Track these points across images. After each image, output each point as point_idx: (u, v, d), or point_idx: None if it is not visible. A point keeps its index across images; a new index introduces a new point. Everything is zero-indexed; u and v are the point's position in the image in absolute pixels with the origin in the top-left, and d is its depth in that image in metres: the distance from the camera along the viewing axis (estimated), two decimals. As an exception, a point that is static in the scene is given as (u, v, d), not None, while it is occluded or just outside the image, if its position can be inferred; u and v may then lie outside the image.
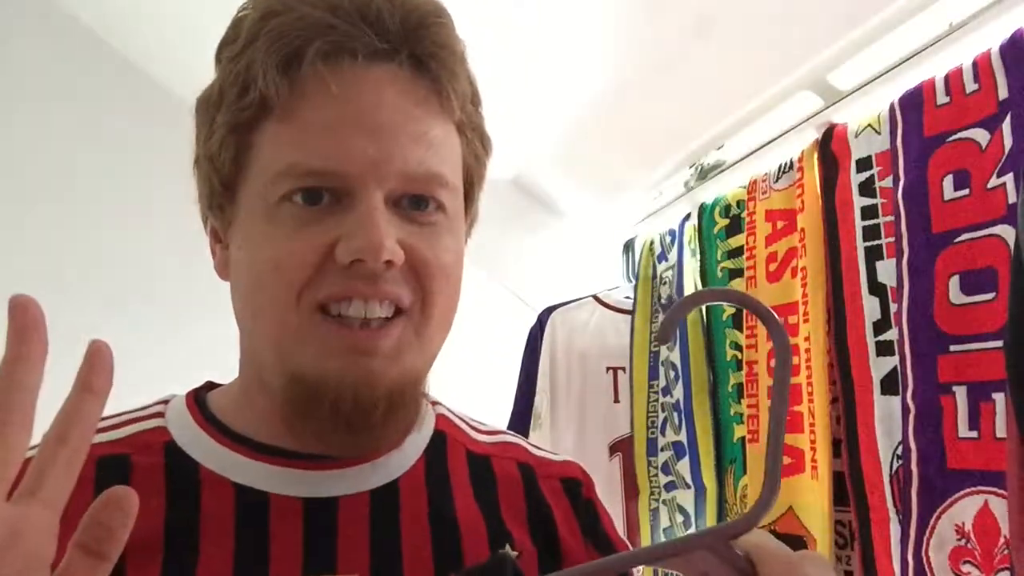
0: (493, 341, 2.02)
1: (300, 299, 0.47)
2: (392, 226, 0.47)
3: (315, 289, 0.46)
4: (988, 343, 0.84)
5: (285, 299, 0.47)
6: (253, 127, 0.48)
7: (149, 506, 0.46)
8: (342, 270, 0.46)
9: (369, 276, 0.46)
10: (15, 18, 1.92)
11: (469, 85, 0.54)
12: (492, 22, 1.25)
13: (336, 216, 0.46)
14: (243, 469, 0.50)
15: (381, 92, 0.48)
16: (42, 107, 1.92)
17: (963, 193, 0.88)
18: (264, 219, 0.48)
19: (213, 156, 0.50)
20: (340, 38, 0.47)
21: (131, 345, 1.93)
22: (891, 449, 0.96)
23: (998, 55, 0.85)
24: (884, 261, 1.00)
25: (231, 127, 0.48)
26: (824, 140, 1.10)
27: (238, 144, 0.49)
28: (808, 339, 1.09)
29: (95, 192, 1.94)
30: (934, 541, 0.88)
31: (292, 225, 0.47)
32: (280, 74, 0.46)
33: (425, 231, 0.49)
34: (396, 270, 0.47)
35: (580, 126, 1.66)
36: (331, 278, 0.46)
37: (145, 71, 1.97)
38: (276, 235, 0.47)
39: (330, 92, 0.46)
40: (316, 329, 0.47)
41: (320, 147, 0.46)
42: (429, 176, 0.49)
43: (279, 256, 0.47)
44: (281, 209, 0.47)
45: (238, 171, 0.49)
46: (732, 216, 1.34)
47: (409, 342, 0.49)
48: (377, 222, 0.45)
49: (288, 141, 0.47)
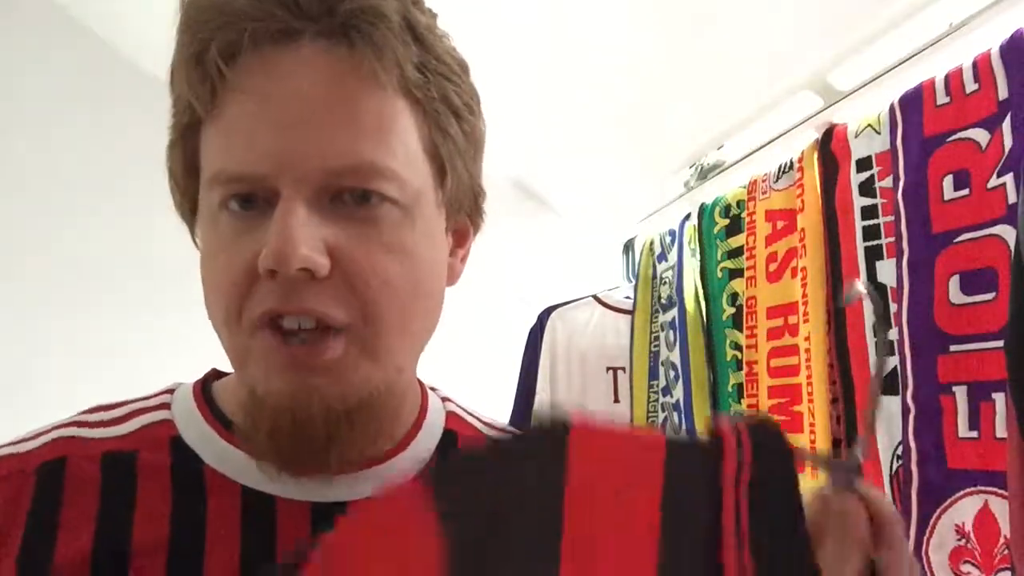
0: (493, 341, 2.02)
1: (240, 316, 0.43)
2: (317, 228, 0.41)
3: (252, 304, 0.43)
4: (988, 343, 0.84)
5: (227, 317, 0.44)
6: (195, 132, 0.45)
7: (155, 509, 0.45)
8: (267, 281, 0.42)
9: (286, 288, 0.41)
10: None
11: (418, 49, 0.45)
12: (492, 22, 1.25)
13: (267, 221, 0.42)
14: (250, 471, 0.48)
15: (294, 77, 0.42)
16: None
17: (963, 193, 0.88)
18: (210, 228, 0.44)
19: (170, 165, 0.47)
20: (248, 24, 0.42)
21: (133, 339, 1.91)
22: (891, 449, 0.96)
23: (998, 55, 0.85)
24: (884, 261, 1.00)
25: (178, 133, 0.46)
26: (824, 140, 1.10)
27: (185, 150, 0.46)
28: (808, 339, 1.09)
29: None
30: (934, 541, 0.88)
31: (229, 235, 0.43)
32: (196, 75, 0.42)
33: (367, 230, 0.43)
34: (325, 282, 0.42)
35: (581, 127, 1.66)
36: (263, 292, 0.42)
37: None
38: (216, 246, 0.44)
39: (245, 88, 0.42)
40: (259, 345, 0.43)
41: (239, 149, 0.42)
42: (360, 166, 0.42)
43: (216, 272, 0.44)
44: (221, 217, 0.43)
45: (193, 180, 0.46)
46: (732, 216, 1.34)
47: (354, 360, 0.44)
48: (288, 225, 0.40)
49: (215, 146, 0.43)
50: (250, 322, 0.43)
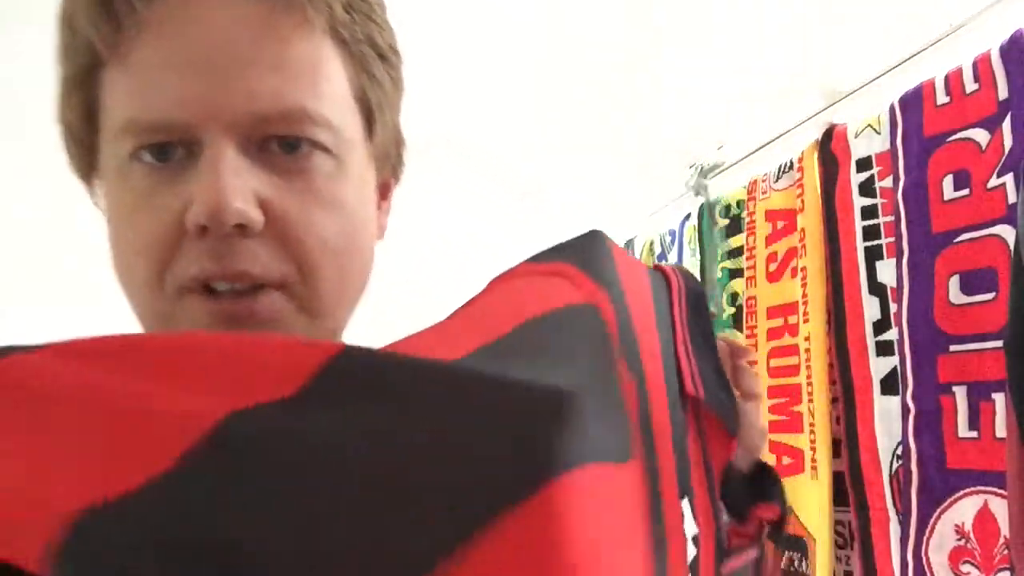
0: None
1: (163, 282, 0.38)
2: (249, 179, 0.37)
3: (178, 268, 0.38)
4: (988, 343, 0.84)
5: (147, 281, 0.39)
6: (94, 77, 0.40)
7: None
8: (197, 241, 0.37)
9: (219, 247, 0.37)
10: None
11: None
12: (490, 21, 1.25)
13: (190, 173, 0.38)
14: None
15: (215, 15, 0.38)
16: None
17: (963, 193, 0.88)
18: (117, 185, 0.40)
19: (63, 116, 0.42)
20: None
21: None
22: (891, 449, 0.96)
23: (998, 55, 0.85)
24: (884, 261, 1.00)
25: (73, 81, 0.40)
26: (824, 140, 1.10)
27: (84, 100, 0.40)
28: (808, 339, 1.09)
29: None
30: (934, 541, 0.88)
31: (144, 190, 0.38)
32: (99, 11, 0.38)
33: (299, 183, 0.39)
34: (257, 240, 0.38)
35: (581, 127, 1.66)
36: (192, 252, 0.37)
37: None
38: (128, 204, 0.39)
39: (159, 26, 0.38)
40: (186, 311, 0.39)
41: (154, 95, 0.37)
42: (290, 111, 0.38)
43: (132, 232, 0.39)
44: (132, 171, 0.38)
45: (93, 131, 0.41)
46: (732, 216, 1.34)
47: (292, 317, 0.40)
48: (219, 176, 0.36)
49: (124, 91, 0.38)
50: (176, 286, 0.38)
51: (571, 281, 0.39)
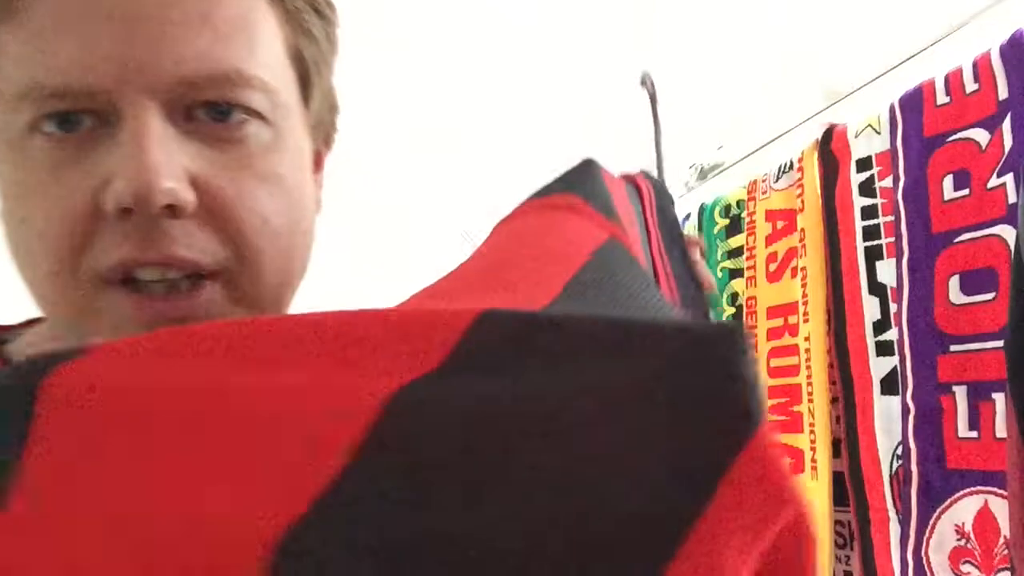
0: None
1: (77, 270, 0.33)
2: (178, 153, 0.33)
3: (95, 253, 0.33)
4: (988, 343, 0.84)
5: (56, 270, 0.34)
6: None
7: None
8: (118, 223, 0.32)
9: (146, 230, 0.32)
10: None
11: None
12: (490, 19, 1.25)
13: (105, 145, 0.33)
14: None
15: None
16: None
17: (963, 193, 0.88)
18: (13, 161, 0.34)
19: None
20: None
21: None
22: (891, 449, 0.96)
23: (998, 55, 0.85)
24: (884, 261, 1.00)
25: None
26: (824, 140, 1.10)
27: None
28: (808, 339, 1.10)
29: None
30: (934, 541, 0.88)
31: (48, 165, 0.33)
32: None
33: (233, 155, 0.35)
34: (188, 222, 0.33)
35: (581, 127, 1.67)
36: (111, 238, 0.33)
37: None
38: (28, 182, 0.34)
39: None
40: (108, 305, 0.34)
41: (61, 56, 0.32)
42: (222, 73, 0.34)
43: (35, 214, 0.34)
44: (31, 144, 0.33)
45: None
46: (732, 216, 1.34)
47: (230, 309, 0.35)
48: (144, 150, 0.32)
49: (23, 52, 0.33)
50: (93, 276, 0.33)
51: (582, 215, 0.39)
